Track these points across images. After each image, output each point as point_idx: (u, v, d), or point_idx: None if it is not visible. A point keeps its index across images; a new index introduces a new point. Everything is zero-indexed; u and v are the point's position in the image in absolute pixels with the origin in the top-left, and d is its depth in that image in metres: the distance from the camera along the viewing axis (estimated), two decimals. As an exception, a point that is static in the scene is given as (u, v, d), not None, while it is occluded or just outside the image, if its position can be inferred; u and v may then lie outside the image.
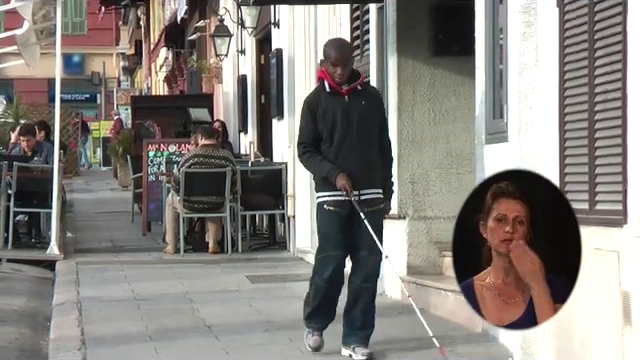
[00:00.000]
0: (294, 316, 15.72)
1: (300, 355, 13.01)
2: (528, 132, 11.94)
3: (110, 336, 14.24)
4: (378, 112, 12.00)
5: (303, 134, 11.91)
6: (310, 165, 11.90)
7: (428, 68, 16.59)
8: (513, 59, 12.21)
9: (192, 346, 13.67)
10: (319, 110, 11.72)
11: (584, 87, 10.71)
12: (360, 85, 11.96)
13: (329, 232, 11.82)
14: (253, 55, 29.49)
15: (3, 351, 13.77)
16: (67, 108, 46.30)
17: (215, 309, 16.20)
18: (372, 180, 11.79)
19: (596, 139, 10.48)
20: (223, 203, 22.95)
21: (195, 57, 40.69)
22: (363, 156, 11.70)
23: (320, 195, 11.85)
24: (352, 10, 19.46)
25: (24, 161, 24.55)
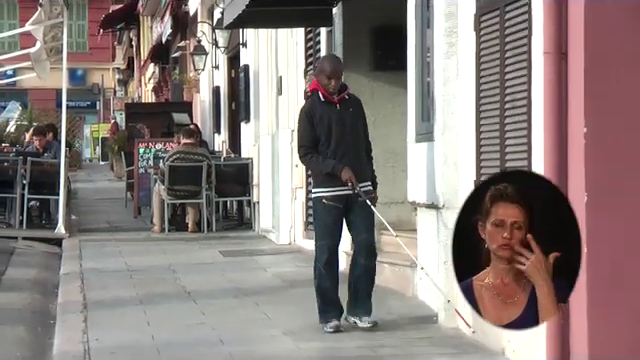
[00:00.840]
0: (260, 284, 15.78)
1: (264, 317, 13.03)
2: (450, 133, 11.97)
3: (107, 300, 14.26)
4: (362, 117, 11.87)
5: (303, 138, 11.65)
6: (313, 164, 11.64)
7: (369, 80, 16.61)
8: (438, 73, 12.25)
9: (175, 309, 13.70)
10: (316, 117, 11.51)
11: (496, 96, 10.75)
12: (347, 95, 11.78)
13: (326, 223, 11.57)
14: (225, 70, 29.46)
15: (19, 312, 13.77)
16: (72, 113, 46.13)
17: (194, 278, 16.22)
18: (364, 175, 11.62)
19: (506, 138, 10.52)
20: (200, 191, 23.01)
21: (177, 71, 40.60)
22: (355, 155, 11.57)
23: (318, 191, 11.60)
24: (306, 32, 19.49)
25: (36, 156, 24.59)
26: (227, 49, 28.60)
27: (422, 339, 11.47)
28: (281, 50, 21.66)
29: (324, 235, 11.54)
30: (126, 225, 25.58)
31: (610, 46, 8.63)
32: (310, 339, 11.58)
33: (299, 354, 10.88)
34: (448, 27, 12.06)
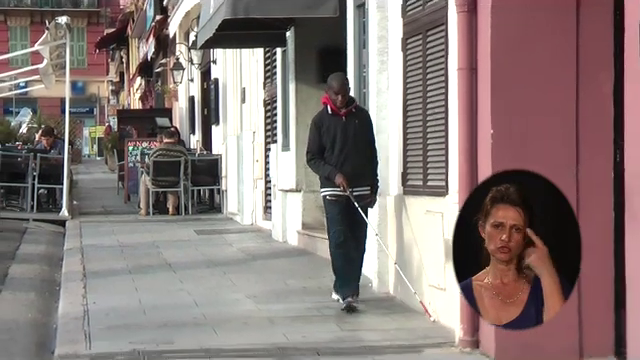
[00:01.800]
0: (227, 257, 15.77)
1: (231, 284, 13.02)
2: (383, 134, 11.95)
3: (103, 271, 14.21)
4: (368, 129, 11.13)
5: (310, 145, 11.11)
6: (316, 167, 11.13)
7: (316, 91, 16.55)
8: (372, 85, 12.25)
9: (158, 277, 13.70)
10: (323, 127, 10.93)
11: (420, 104, 10.75)
12: (354, 108, 11.07)
13: (333, 215, 11.02)
14: (198, 82, 29.38)
15: (30, 280, 13.72)
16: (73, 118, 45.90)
17: (173, 252, 16.19)
18: (362, 180, 10.98)
19: (427, 139, 10.52)
20: (179, 181, 22.98)
21: (160, 83, 40.47)
22: (356, 162, 10.90)
23: (324, 190, 11.10)
24: (265, 52, 19.46)
25: (44, 153, 24.54)
26: (200, 65, 28.53)
27: (360, 301, 11.44)
28: (244, 66, 21.62)
29: (334, 224, 11.05)
30: (118, 209, 25.50)
31: (511, 63, 8.65)
32: (268, 302, 11.57)
33: (258, 314, 10.86)
34: (380, 48, 12.05)
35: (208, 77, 27.33)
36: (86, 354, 8.95)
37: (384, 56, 11.98)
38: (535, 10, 8.62)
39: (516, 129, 8.62)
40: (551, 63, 8.66)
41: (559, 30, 8.66)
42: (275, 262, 15.13)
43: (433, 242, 10.13)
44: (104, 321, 10.43)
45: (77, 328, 10.13)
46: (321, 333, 9.76)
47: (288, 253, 16.13)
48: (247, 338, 9.56)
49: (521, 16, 8.60)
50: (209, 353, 8.98)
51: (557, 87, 8.67)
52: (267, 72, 19.51)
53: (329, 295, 11.93)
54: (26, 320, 11.03)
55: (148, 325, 10.26)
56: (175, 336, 9.66)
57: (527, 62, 8.63)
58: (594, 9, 8.70)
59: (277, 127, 18.31)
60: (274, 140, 18.60)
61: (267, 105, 19.56)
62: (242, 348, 9.14)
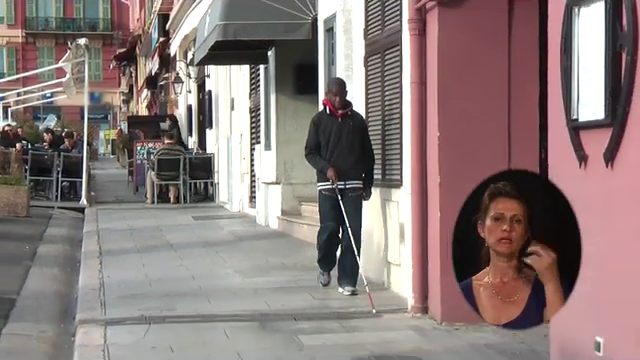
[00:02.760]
0: (220, 239, 15.72)
1: (222, 261, 12.99)
2: (348, 136, 11.93)
3: (116, 250, 14.15)
4: (361, 129, 10.23)
5: (308, 141, 10.35)
6: (312, 161, 10.31)
7: (293, 101, 16.61)
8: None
9: (161, 255, 13.64)
10: (321, 126, 10.21)
11: (379, 112, 10.74)
12: (350, 111, 10.27)
13: (325, 209, 10.15)
14: (195, 93, 29.27)
15: (55, 258, 13.62)
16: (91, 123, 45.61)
17: (174, 235, 16.12)
18: (355, 174, 10.06)
19: (385, 141, 10.50)
20: (179, 176, 22.93)
21: (163, 94, 40.33)
22: (348, 158, 10.05)
23: (319, 184, 10.26)
24: (250, 68, 19.44)
25: (67, 152, 24.52)
26: (196, 79, 28.44)
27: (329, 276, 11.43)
28: (233, 80, 21.57)
29: (324, 219, 10.19)
30: (128, 199, 25.39)
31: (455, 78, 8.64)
32: (253, 276, 11.53)
33: (245, 285, 10.83)
34: (346, 64, 12.02)
35: (203, 89, 27.26)
36: (102, 319, 8.91)
37: (349, 71, 11.95)
38: (474, 34, 8.62)
39: (459, 132, 8.62)
40: (488, 78, 8.66)
41: (494, 51, 8.67)
42: (259, 243, 15.10)
43: (390, 226, 10.13)
44: (117, 291, 10.39)
45: (94, 297, 10.09)
46: (297, 302, 9.74)
47: (269, 235, 16.11)
48: (235, 306, 9.54)
49: (463, 39, 8.60)
50: (204, 318, 8.96)
51: (493, 98, 8.67)
52: (252, 85, 19.49)
53: (304, 270, 11.92)
54: (51, 291, 10.98)
55: (153, 295, 10.22)
56: (176, 304, 9.63)
57: (468, 77, 8.63)
58: (523, 33, 8.72)
59: (260, 130, 18.29)
60: (258, 141, 18.58)
61: (252, 112, 19.54)
62: (231, 314, 9.12)
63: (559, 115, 6.30)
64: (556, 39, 6.31)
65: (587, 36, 5.90)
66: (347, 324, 8.69)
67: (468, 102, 8.65)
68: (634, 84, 5.45)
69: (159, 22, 35.60)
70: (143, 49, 46.72)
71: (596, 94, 5.76)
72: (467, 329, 8.33)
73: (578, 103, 6.04)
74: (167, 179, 23.15)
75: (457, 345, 7.77)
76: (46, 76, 50.79)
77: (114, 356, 7.50)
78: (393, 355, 7.47)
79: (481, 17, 8.62)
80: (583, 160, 6.03)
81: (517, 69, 8.71)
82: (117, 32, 72.56)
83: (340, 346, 7.84)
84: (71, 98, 27.71)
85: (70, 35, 64.75)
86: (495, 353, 7.53)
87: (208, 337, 8.18)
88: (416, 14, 8.93)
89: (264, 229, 17.13)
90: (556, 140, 6.48)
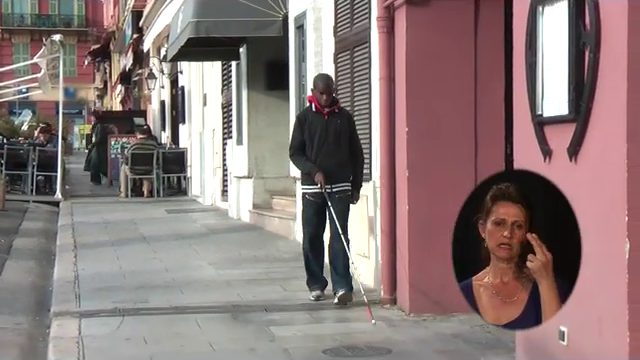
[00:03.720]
0: (192, 231, 15.67)
1: (195, 253, 12.95)
2: (318, 131, 11.92)
3: (90, 243, 14.08)
4: (349, 128, 9.23)
5: (293, 140, 9.38)
6: (297, 162, 9.36)
7: (265, 97, 16.56)
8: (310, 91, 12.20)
9: (135, 248, 13.57)
10: (306, 124, 9.18)
11: (348, 107, 10.67)
12: (337, 109, 9.28)
13: (308, 215, 9.25)
14: (168, 89, 29.16)
15: (30, 251, 13.54)
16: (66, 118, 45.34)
17: (148, 228, 16.05)
18: (342, 176, 9.13)
19: (354, 135, 10.51)
20: (152, 170, 22.80)
21: (136, 90, 40.15)
22: (335, 158, 9.09)
23: (303, 187, 9.31)
24: (222, 64, 19.37)
25: (42, 147, 24.36)
26: (169, 75, 28.32)
27: (300, 267, 11.34)
28: (206, 76, 21.51)
29: (306, 224, 9.32)
30: (102, 192, 25.24)
31: (422, 74, 8.65)
32: (226, 268, 11.51)
33: (218, 277, 10.81)
34: (316, 61, 12.01)
35: (176, 85, 27.16)
36: (76, 311, 8.87)
37: (319, 68, 11.95)
38: (441, 32, 8.63)
39: (427, 128, 8.62)
40: (454, 74, 8.67)
41: (461, 47, 8.68)
42: (231, 235, 15.06)
43: (359, 219, 10.12)
44: (91, 284, 10.34)
45: (69, 290, 10.05)
46: (268, 293, 9.73)
47: (241, 228, 16.08)
48: (208, 297, 9.52)
49: (430, 36, 8.61)
50: (177, 310, 8.93)
51: (459, 93, 8.68)
52: (224, 81, 19.43)
53: (275, 262, 11.91)
54: (27, 283, 10.91)
55: (127, 287, 10.18)
56: (149, 296, 9.59)
57: (435, 73, 8.63)
58: (489, 30, 8.73)
59: (232, 126, 18.24)
60: (230, 136, 18.53)
61: (224, 108, 19.49)
62: (204, 305, 9.09)
63: (524, 111, 6.31)
64: (521, 37, 6.32)
65: (551, 34, 5.92)
66: (317, 315, 8.69)
67: (436, 98, 8.65)
68: (597, 81, 5.47)
69: (133, 19, 35.46)
70: (117, 45, 46.53)
71: (560, 90, 5.77)
72: (435, 320, 8.35)
73: (543, 99, 6.06)
74: (141, 173, 23.04)
75: (425, 335, 7.78)
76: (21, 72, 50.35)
77: (88, 348, 7.46)
78: (362, 346, 7.47)
79: (448, 15, 8.63)
80: (547, 154, 6.04)
81: (483, 66, 8.72)
82: (91, 29, 72.21)
83: (311, 337, 7.84)
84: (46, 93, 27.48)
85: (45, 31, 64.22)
86: (462, 342, 7.55)
87: (181, 328, 8.16)
88: (384, 12, 8.93)
89: (236, 222, 17.10)
90: (521, 135, 6.50)
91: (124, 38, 40.80)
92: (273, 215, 15.24)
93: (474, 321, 8.25)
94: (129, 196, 22.81)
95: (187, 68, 24.02)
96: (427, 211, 8.59)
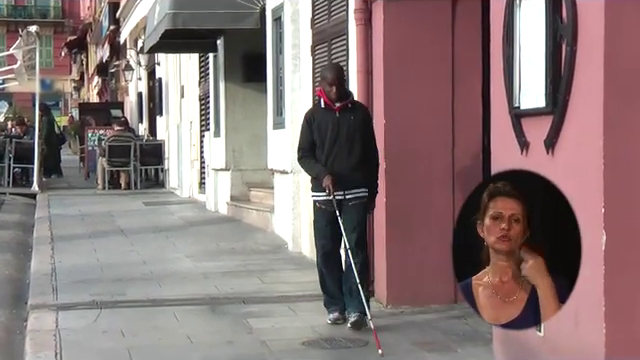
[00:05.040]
0: (169, 224, 15.63)
1: (173, 245, 12.92)
2: (295, 124, 11.88)
3: (67, 235, 14.01)
4: (364, 125, 8.04)
5: (301, 141, 8.15)
6: (305, 166, 8.19)
7: (242, 89, 16.52)
8: (287, 84, 12.20)
9: (112, 240, 13.52)
10: (314, 122, 8.00)
11: (326, 99, 10.74)
12: (350, 103, 8.07)
13: (319, 225, 8.11)
14: (145, 80, 29.03)
15: (7, 244, 13.45)
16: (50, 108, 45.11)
17: (125, 220, 15.98)
18: (357, 181, 7.94)
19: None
20: (129, 162, 22.67)
21: (113, 81, 39.98)
22: (349, 161, 7.92)
23: (314, 195, 8.12)
24: (200, 56, 19.30)
25: (19, 139, 24.21)
26: (147, 67, 28.20)
27: (278, 259, 11.45)
28: (183, 68, 21.43)
29: (319, 236, 8.17)
30: (79, 185, 25.10)
31: (400, 67, 8.66)
32: (203, 260, 11.50)
33: (195, 270, 10.79)
34: (294, 53, 12.00)
35: (153, 76, 27.04)
36: (53, 304, 8.84)
37: (297, 60, 11.94)
38: (419, 24, 8.64)
39: (404, 120, 8.64)
40: (432, 67, 8.69)
41: (438, 41, 8.69)
42: (208, 228, 15.04)
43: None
44: (68, 277, 10.30)
45: (46, 283, 10.01)
46: (246, 285, 9.73)
47: (219, 220, 16.05)
48: (186, 290, 9.51)
49: (408, 29, 8.61)
50: (155, 302, 8.92)
51: (437, 86, 8.70)
52: (202, 73, 19.37)
53: (253, 254, 11.90)
54: (4, 276, 10.86)
55: (104, 280, 10.15)
56: (127, 289, 9.57)
57: (413, 66, 8.65)
58: (467, 23, 8.75)
59: (210, 118, 18.20)
60: (207, 128, 18.49)
61: (202, 100, 19.44)
62: (182, 298, 9.09)
63: (501, 103, 6.33)
64: (499, 30, 6.34)
65: (528, 27, 5.94)
66: (296, 307, 8.69)
67: (413, 90, 8.67)
68: (574, 74, 5.49)
69: (109, 10, 35.28)
70: (94, 37, 46.32)
71: (537, 83, 5.79)
72: (412, 311, 8.38)
73: (520, 92, 6.08)
74: (118, 165, 22.94)
75: (403, 327, 7.81)
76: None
77: (66, 341, 7.44)
78: (341, 338, 7.49)
79: (426, 7, 8.63)
80: (525, 147, 6.07)
81: (461, 58, 8.74)
82: (68, 20, 71.83)
83: (289, 329, 7.85)
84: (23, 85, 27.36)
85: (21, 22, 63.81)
86: (440, 334, 7.58)
87: (159, 321, 8.15)
88: (362, 4, 8.93)
89: (214, 214, 17.07)
90: (498, 127, 6.52)
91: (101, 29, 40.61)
92: (251, 207, 15.22)
93: (451, 313, 8.30)
94: (106, 188, 22.70)
95: (164, 60, 23.92)
96: (405, 203, 8.61)
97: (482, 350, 7.02)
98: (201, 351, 7.15)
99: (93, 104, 45.49)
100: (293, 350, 7.14)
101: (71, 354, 7.08)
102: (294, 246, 11.92)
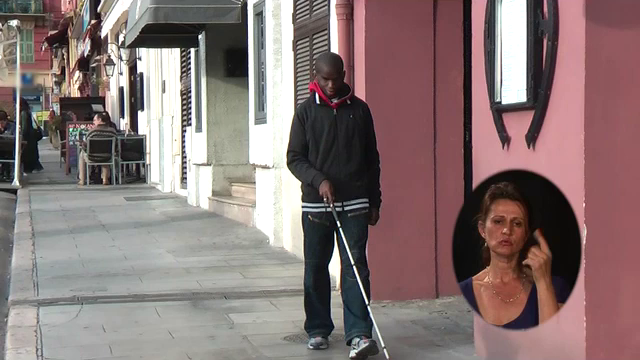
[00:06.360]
0: (151, 219, 15.59)
1: (154, 241, 12.88)
2: (277, 119, 11.92)
3: (48, 231, 13.96)
4: (364, 125, 6.94)
5: (292, 142, 6.99)
6: (296, 172, 6.95)
7: (223, 83, 16.49)
8: (269, 79, 12.18)
9: (94, 236, 13.46)
10: (308, 121, 6.90)
11: (307, 95, 10.71)
12: (349, 99, 6.96)
13: (311, 241, 6.96)
14: (127, 75, 28.97)
15: (-13, 239, 13.47)
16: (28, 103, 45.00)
17: (107, 215, 15.94)
18: (357, 190, 6.85)
19: (314, 122, 10.50)
20: (111, 157, 22.58)
21: (95, 76, 39.87)
22: (347, 168, 6.82)
23: (304, 206, 6.96)
24: (181, 51, 19.25)
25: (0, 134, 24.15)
26: (128, 61, 28.13)
27: (260, 254, 11.44)
28: (164, 62, 21.38)
29: (309, 254, 7.01)
30: (60, 180, 25.01)
31: (382, 62, 8.66)
32: (185, 255, 11.47)
33: (177, 265, 10.76)
34: (275, 48, 11.98)
35: (135, 71, 26.99)
36: (34, 300, 8.81)
37: (278, 55, 11.92)
38: (401, 19, 8.64)
39: (386, 115, 8.62)
40: (414, 62, 8.69)
41: (420, 36, 8.69)
42: (190, 223, 15.01)
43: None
44: (49, 272, 10.27)
45: (27, 278, 9.97)
46: (228, 280, 9.72)
47: (201, 215, 16.02)
48: (167, 285, 9.49)
49: (390, 24, 8.61)
50: (136, 297, 8.89)
51: (419, 81, 8.70)
52: (183, 68, 19.33)
53: (235, 249, 11.89)
54: (-16, 272, 10.82)
55: (86, 275, 10.12)
56: (108, 284, 9.54)
57: (394, 61, 8.65)
58: (449, 17, 8.76)
59: (191, 113, 18.16)
60: (189, 123, 18.46)
61: (183, 95, 19.40)
62: (163, 293, 9.06)
63: (483, 98, 6.34)
64: (480, 25, 6.35)
65: (510, 22, 5.95)
66: (277, 302, 8.69)
67: (395, 86, 8.67)
68: (555, 69, 5.50)
69: (91, 4, 35.18)
70: (75, 31, 46.17)
71: (519, 78, 5.81)
72: (394, 306, 8.38)
73: (501, 87, 6.09)
74: (99, 160, 22.87)
75: (385, 322, 7.80)
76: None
77: (47, 336, 7.41)
78: (322, 332, 7.47)
79: (408, 2, 8.63)
80: (506, 142, 6.08)
81: (442, 53, 8.75)
82: (49, 14, 71.53)
83: (271, 324, 7.85)
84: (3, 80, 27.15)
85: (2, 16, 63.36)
86: (421, 329, 7.59)
87: (140, 316, 8.13)
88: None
89: (195, 209, 17.04)
90: (480, 122, 6.53)
91: (82, 24, 40.49)
92: (232, 202, 15.21)
93: (433, 307, 8.32)
94: (88, 183, 22.64)
95: (146, 55, 23.87)
96: (386, 197, 8.58)
97: (463, 344, 7.04)
98: (182, 346, 7.14)
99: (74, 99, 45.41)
100: (275, 345, 7.14)
101: (52, 350, 7.06)
102: (276, 241, 11.91)
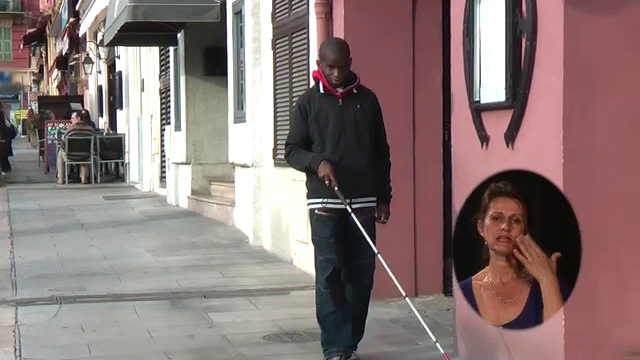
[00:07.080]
0: (130, 218, 15.55)
1: (133, 240, 12.85)
2: (257, 117, 11.91)
3: (27, 230, 13.92)
4: (373, 116, 6.41)
5: (292, 134, 6.39)
6: (294, 159, 6.34)
7: (202, 82, 16.48)
8: (248, 78, 12.17)
9: (73, 235, 13.43)
10: (311, 112, 6.27)
11: (286, 93, 10.73)
12: (356, 88, 6.40)
13: (322, 237, 6.31)
14: (105, 74, 28.88)
15: (-35, 239, 13.38)
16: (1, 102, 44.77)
17: (85, 214, 15.89)
18: (364, 187, 6.29)
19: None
20: (89, 156, 22.54)
21: (73, 74, 39.72)
22: (356, 163, 6.23)
23: (311, 202, 6.36)
24: (160, 50, 19.22)
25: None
26: (107, 60, 28.07)
27: (239, 253, 11.43)
28: (143, 61, 21.33)
29: (323, 249, 6.33)
30: (39, 179, 24.93)
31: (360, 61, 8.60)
32: (164, 254, 11.45)
33: (156, 264, 10.75)
34: (255, 47, 11.97)
35: (113, 70, 26.90)
36: (13, 299, 8.77)
37: (257, 54, 11.92)
38: (379, 20, 8.63)
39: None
40: (393, 61, 8.69)
41: (399, 36, 8.69)
42: (169, 222, 14.98)
43: (298, 205, 10.12)
44: (28, 272, 10.22)
45: (5, 278, 9.93)
46: (207, 279, 9.71)
47: (180, 214, 15.99)
48: (147, 284, 9.47)
49: (368, 22, 8.61)
50: (115, 297, 8.87)
51: (398, 80, 8.70)
52: (162, 66, 19.29)
53: (214, 248, 11.87)
54: (-38, 272, 10.75)
55: (64, 275, 10.09)
56: (87, 283, 9.51)
57: (373, 60, 8.64)
58: (427, 17, 8.76)
59: (170, 111, 18.13)
60: (168, 122, 18.42)
61: (162, 93, 19.36)
62: (142, 293, 9.04)
63: (462, 97, 6.35)
64: (459, 24, 6.35)
65: (489, 21, 5.95)
66: (257, 301, 8.68)
67: (374, 84, 8.56)
68: (533, 68, 5.51)
69: (69, 2, 35.07)
70: (53, 29, 45.97)
71: (497, 77, 5.81)
72: (373, 305, 8.33)
73: (480, 86, 6.09)
74: (78, 159, 22.81)
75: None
76: (-45, 56, 49.74)
77: (25, 336, 7.38)
78: (302, 332, 7.48)
79: (386, 1, 8.63)
80: (485, 141, 6.08)
81: (421, 52, 8.75)
82: (27, 12, 71.12)
83: (250, 323, 7.84)
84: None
85: (-21, 15, 63.46)
86: (400, 327, 7.60)
87: (119, 316, 8.10)
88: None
89: (174, 208, 17.01)
90: (459, 121, 6.53)
91: (60, 22, 40.33)
92: (211, 201, 15.19)
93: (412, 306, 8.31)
94: (66, 182, 22.56)
95: (124, 53, 23.80)
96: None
97: (443, 342, 7.03)
98: (162, 345, 7.12)
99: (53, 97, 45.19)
100: (254, 344, 7.13)
101: (31, 350, 7.02)
102: (255, 240, 11.90)
